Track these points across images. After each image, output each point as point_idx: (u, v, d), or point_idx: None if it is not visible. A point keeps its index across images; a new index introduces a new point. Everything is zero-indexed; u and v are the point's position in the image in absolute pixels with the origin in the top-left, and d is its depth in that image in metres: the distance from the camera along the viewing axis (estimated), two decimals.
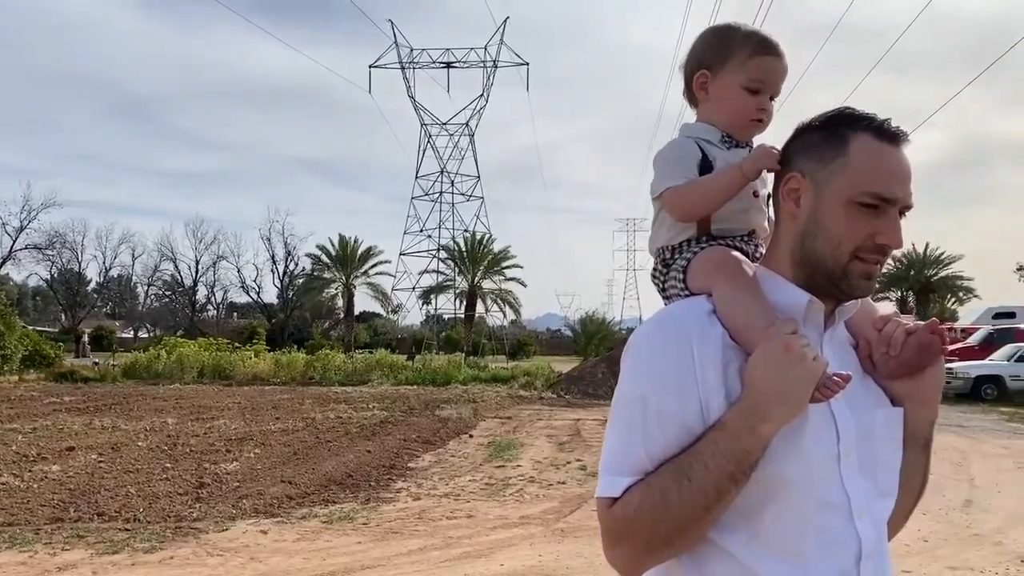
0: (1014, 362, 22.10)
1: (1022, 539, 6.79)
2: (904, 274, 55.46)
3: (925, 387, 1.28)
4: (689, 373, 1.18)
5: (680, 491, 1.15)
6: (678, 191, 1.32)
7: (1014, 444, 13.08)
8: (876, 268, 1.22)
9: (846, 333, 1.33)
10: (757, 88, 1.35)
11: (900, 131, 1.22)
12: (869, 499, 1.22)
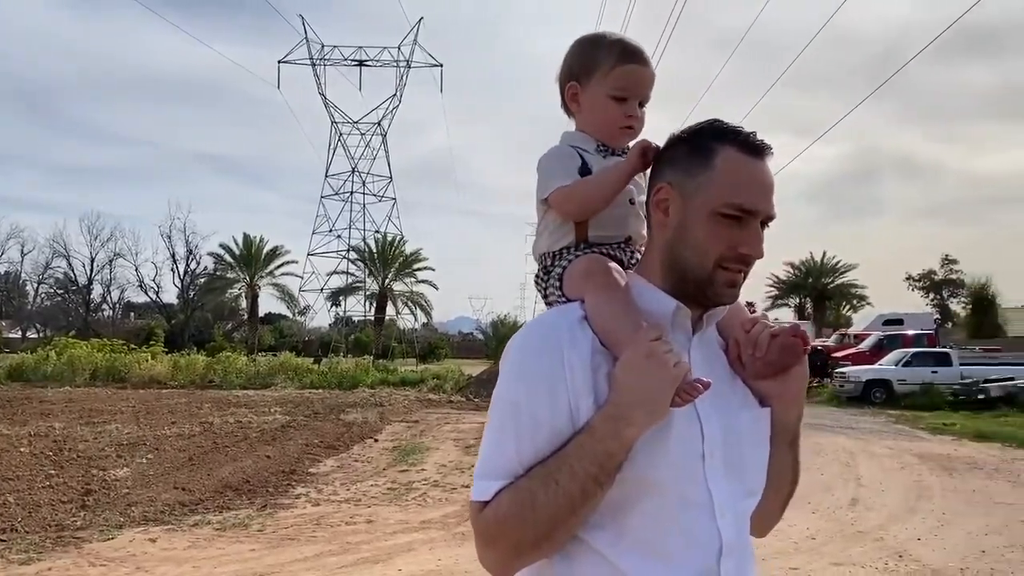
0: (901, 366, 23.24)
1: (902, 535, 7.12)
2: (802, 282, 57.70)
3: (790, 387, 1.32)
4: (559, 378, 1.20)
5: (547, 494, 1.17)
6: (567, 190, 1.34)
7: (899, 445, 13.74)
8: (739, 277, 1.26)
9: (716, 336, 1.36)
10: (623, 96, 1.38)
11: (764, 145, 1.25)
12: (733, 498, 1.25)
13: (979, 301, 49.15)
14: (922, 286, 62.57)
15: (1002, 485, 9.88)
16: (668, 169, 1.28)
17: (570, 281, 1.33)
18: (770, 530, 1.47)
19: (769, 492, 1.34)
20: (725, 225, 1.22)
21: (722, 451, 1.24)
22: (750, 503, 1.30)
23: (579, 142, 1.40)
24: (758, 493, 1.32)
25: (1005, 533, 7.26)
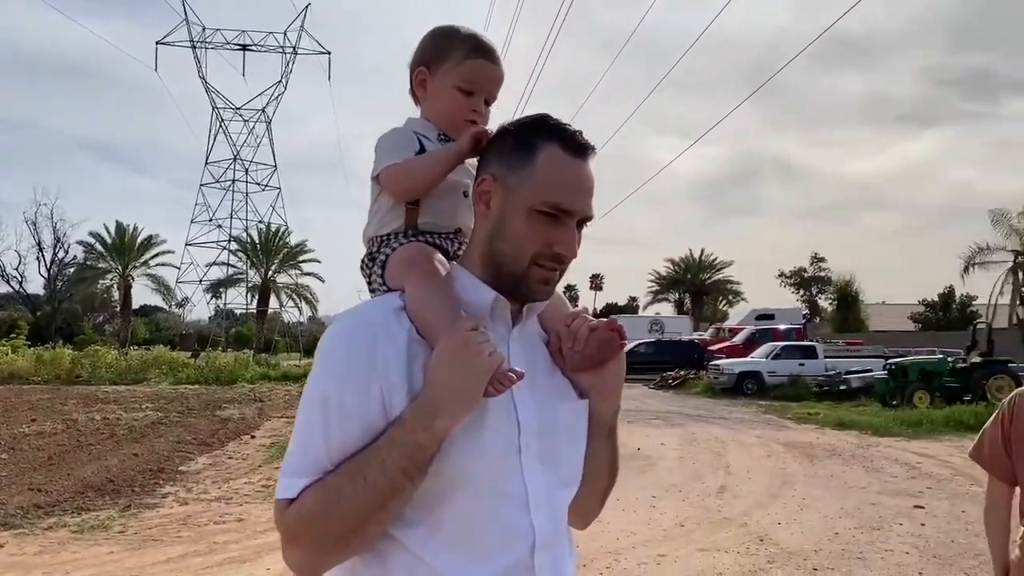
0: (771, 359, 24.39)
1: (764, 520, 7.47)
2: (681, 277, 59.80)
3: (607, 380, 1.34)
4: (372, 370, 1.17)
5: (355, 489, 1.14)
6: (396, 167, 1.32)
7: (767, 434, 14.41)
8: (554, 275, 1.26)
9: (538, 329, 1.37)
10: (470, 90, 1.38)
11: (588, 145, 1.26)
12: (549, 490, 1.25)
13: (844, 297, 52.17)
14: (793, 283, 65.94)
15: (857, 470, 10.52)
16: (493, 161, 1.27)
17: (392, 269, 1.31)
18: (590, 523, 1.48)
19: (587, 484, 1.35)
20: (542, 223, 1.22)
21: (539, 443, 1.24)
22: (567, 494, 1.31)
23: (421, 129, 1.38)
24: (574, 485, 1.32)
25: (856, 516, 7.72)
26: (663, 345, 32.68)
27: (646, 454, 11.56)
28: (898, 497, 8.67)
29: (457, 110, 1.37)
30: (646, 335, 36.93)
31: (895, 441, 13.53)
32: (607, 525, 7.11)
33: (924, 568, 5.94)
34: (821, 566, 5.93)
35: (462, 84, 1.37)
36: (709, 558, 6.09)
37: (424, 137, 1.36)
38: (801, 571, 5.79)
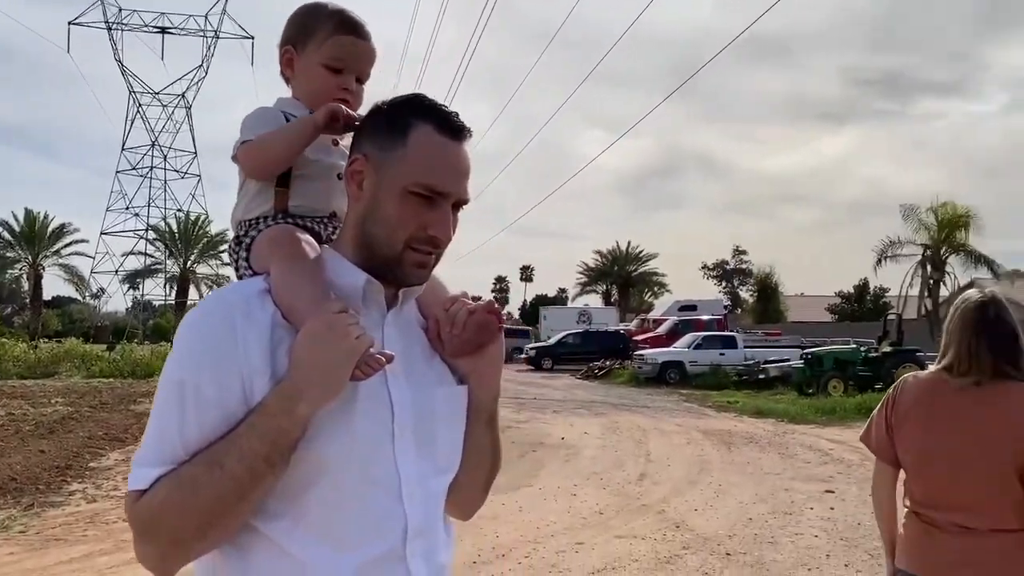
0: (693, 349, 24.96)
1: (681, 507, 7.61)
2: (609, 269, 60.60)
3: (486, 364, 1.31)
4: (231, 355, 1.12)
5: (211, 479, 1.08)
6: (250, 143, 1.27)
7: (687, 422, 14.71)
8: (429, 259, 1.23)
9: (416, 314, 1.34)
10: (338, 67, 1.34)
11: (463, 126, 1.22)
12: (423, 477, 1.22)
13: (764, 289, 53.72)
14: (715, 275, 67.56)
15: (772, 457, 10.82)
16: (365, 141, 1.23)
17: (257, 252, 1.26)
18: (474, 513, 1.45)
19: (468, 472, 1.33)
20: (416, 205, 1.19)
21: (413, 429, 1.21)
22: (443, 481, 1.28)
23: (290, 108, 1.33)
24: (451, 471, 1.30)
25: (770, 501, 7.94)
26: (590, 336, 33.10)
27: (570, 443, 11.67)
28: (810, 482, 8.95)
29: (325, 89, 1.33)
30: (574, 326, 37.28)
31: (809, 428, 13.98)
32: (527, 514, 7.15)
33: (831, 550, 6.13)
34: (734, 551, 6.07)
35: (329, 61, 1.33)
36: (626, 545, 6.17)
37: (293, 117, 1.31)
38: (715, 556, 5.91)
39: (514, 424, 13.80)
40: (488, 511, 7.26)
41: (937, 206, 30.66)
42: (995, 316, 2.23)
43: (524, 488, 8.38)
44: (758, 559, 5.86)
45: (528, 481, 8.77)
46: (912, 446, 2.34)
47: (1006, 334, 2.22)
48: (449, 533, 1.32)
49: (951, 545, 2.22)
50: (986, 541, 2.16)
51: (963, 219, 30.25)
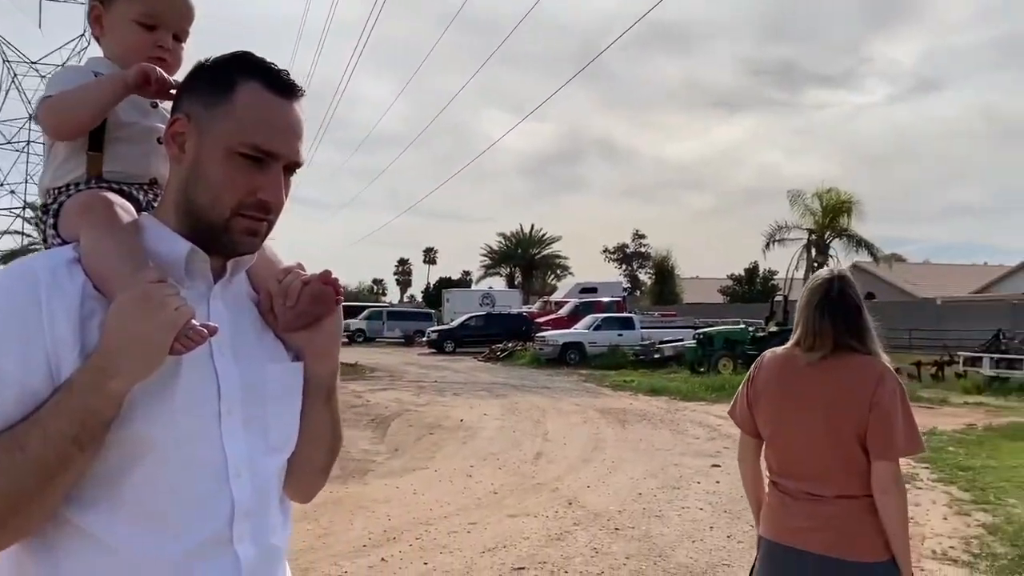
0: (593, 330, 25.38)
1: (575, 484, 7.74)
2: (513, 252, 60.96)
3: (322, 338, 1.26)
4: (34, 329, 1.03)
5: (11, 462, 0.99)
6: (51, 100, 1.17)
7: (585, 401, 14.96)
8: (260, 226, 1.16)
9: (248, 287, 1.27)
10: (152, 23, 1.26)
11: (293, 84, 1.16)
12: (252, 457, 1.17)
13: (661, 272, 55.11)
14: (616, 258, 68.76)
15: (664, 433, 11.13)
16: (187, 100, 1.15)
17: (66, 219, 1.17)
18: (314, 494, 1.39)
19: (306, 452, 1.28)
20: (243, 167, 1.12)
21: (242, 407, 1.15)
22: (275, 461, 1.22)
23: (102, 68, 1.24)
24: (285, 450, 1.24)
25: (660, 476, 8.17)
26: (493, 318, 33.19)
27: (468, 425, 11.69)
28: (698, 458, 9.24)
29: (138, 47, 1.24)
30: (478, 309, 37.33)
31: (700, 405, 14.44)
32: (421, 496, 7.13)
33: (715, 522, 6.36)
34: (623, 525, 6.21)
35: (142, 18, 1.25)
36: (518, 523, 6.23)
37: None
38: (604, 531, 6.04)
39: (413, 407, 13.73)
40: (381, 494, 7.21)
41: (822, 192, 32.12)
42: (839, 292, 2.33)
43: (420, 471, 8.35)
44: (645, 533, 6.02)
45: (424, 464, 8.74)
46: (768, 419, 2.44)
47: (849, 309, 2.32)
48: (286, 514, 1.26)
49: (801, 511, 2.32)
50: (832, 507, 2.26)
51: (846, 205, 31.79)
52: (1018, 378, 16.80)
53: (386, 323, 40.36)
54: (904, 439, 2.20)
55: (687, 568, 5.17)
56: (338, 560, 5.28)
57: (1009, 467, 8.50)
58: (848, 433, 2.22)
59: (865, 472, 2.21)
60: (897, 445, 2.19)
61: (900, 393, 2.23)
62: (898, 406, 2.20)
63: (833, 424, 2.25)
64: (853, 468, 2.23)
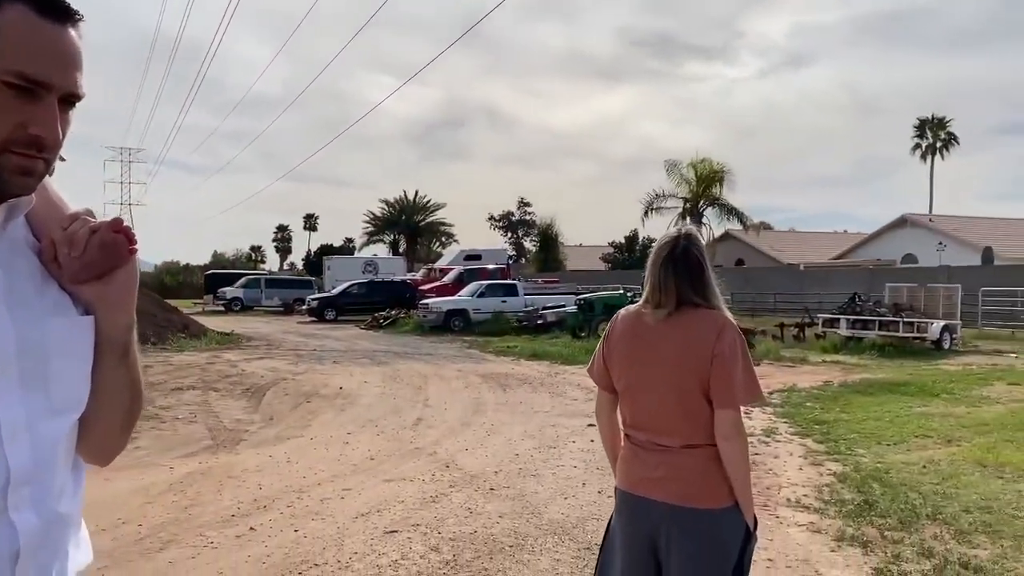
0: (477, 297, 25.48)
1: (453, 448, 7.76)
2: (396, 218, 60.23)
3: (114, 290, 1.16)
4: None
5: None
6: None
7: (467, 367, 15.02)
8: (35, 164, 1.05)
9: (27, 234, 1.15)
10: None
11: (68, 7, 1.06)
12: (32, 419, 1.07)
13: (546, 240, 55.73)
14: (501, 225, 69.00)
15: (543, 396, 11.32)
16: None
17: None
18: (115, 456, 1.28)
19: (102, 412, 1.18)
20: (11, 98, 1.01)
21: (19, 366, 1.05)
22: (60, 423, 1.12)
23: None
24: (72, 412, 1.15)
25: (537, 437, 8.30)
26: (376, 285, 32.82)
27: (347, 393, 11.53)
28: (575, 418, 9.45)
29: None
30: (360, 276, 36.78)
31: (579, 368, 14.74)
32: (294, 465, 6.98)
33: (588, 479, 6.52)
34: (498, 485, 6.28)
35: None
36: (394, 488, 6.20)
37: None
38: (479, 492, 6.09)
39: (290, 376, 13.43)
40: (253, 463, 7.02)
41: (696, 162, 33.18)
42: (683, 250, 2.40)
43: (294, 439, 8.17)
44: (520, 491, 6.11)
45: (299, 432, 8.57)
46: (621, 375, 2.50)
47: (691, 267, 2.39)
48: (78, 480, 1.17)
49: (651, 462, 2.40)
50: (679, 457, 2.34)
51: (718, 175, 32.99)
52: (871, 338, 17.99)
53: (264, 291, 39.30)
54: (743, 389, 2.28)
55: (558, 523, 5.28)
56: (204, 531, 5.10)
57: (859, 420, 9.10)
58: (691, 384, 2.29)
59: (709, 422, 2.29)
60: (736, 394, 2.27)
61: (740, 344, 2.30)
62: (738, 357, 2.28)
63: (678, 376, 2.32)
64: (698, 419, 2.30)
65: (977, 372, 13.94)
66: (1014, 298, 22.11)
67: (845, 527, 5.15)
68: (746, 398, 2.29)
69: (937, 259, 34.47)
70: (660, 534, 2.34)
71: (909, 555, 4.61)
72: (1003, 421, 8.94)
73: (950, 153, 57.25)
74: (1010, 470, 6.58)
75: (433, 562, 4.54)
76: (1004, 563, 4.45)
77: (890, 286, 22.46)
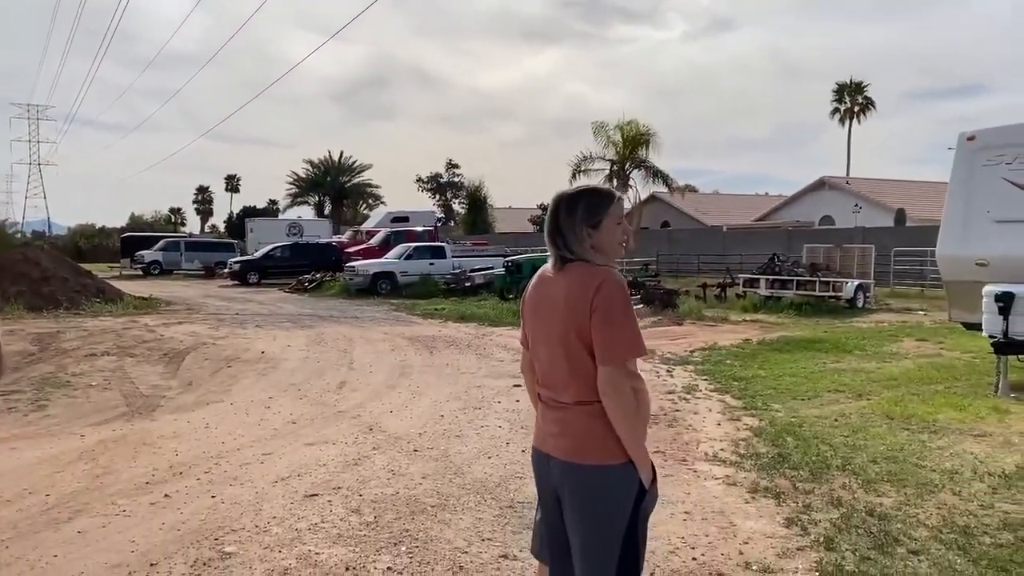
0: (404, 260, 25.22)
1: (377, 411, 7.69)
2: (321, 180, 59.02)
3: None
4: None
5: None
6: None
7: (394, 330, 14.89)
8: None
9: None
10: None
11: None
12: None
13: (474, 202, 55.41)
14: (430, 187, 68.39)
15: (470, 358, 11.31)
16: None
17: None
18: None
19: None
20: None
21: None
22: None
23: None
24: None
25: (463, 398, 8.29)
26: (300, 248, 32.19)
27: (270, 357, 11.30)
28: (501, 378, 9.47)
29: None
30: (284, 239, 36.01)
31: (506, 330, 14.80)
32: (213, 430, 6.81)
33: (512, 438, 6.54)
34: (422, 447, 6.25)
35: None
36: (315, 451, 6.11)
37: None
38: (402, 453, 6.05)
39: (210, 341, 13.08)
40: (170, 430, 6.83)
41: (623, 124, 33.33)
42: (554, 209, 2.40)
43: (214, 404, 7.98)
44: (444, 452, 6.09)
45: (219, 397, 8.36)
46: (527, 330, 2.50)
47: (559, 224, 2.38)
48: None
49: (551, 418, 2.41)
50: (570, 413, 2.35)
51: (644, 137, 33.24)
52: (789, 297, 18.52)
53: (184, 254, 38.20)
54: (621, 344, 2.23)
55: (481, 482, 5.29)
56: (116, 499, 4.94)
57: (776, 376, 9.38)
58: (575, 341, 2.28)
59: (593, 379, 2.28)
60: (615, 350, 2.23)
61: (619, 299, 2.24)
62: (617, 312, 2.23)
63: (563, 332, 2.31)
64: (586, 374, 2.28)
65: (888, 329, 14.50)
66: (924, 258, 22.98)
67: (759, 479, 5.30)
68: (624, 353, 2.23)
69: (853, 220, 35.64)
70: (559, 490, 2.37)
71: (819, 504, 4.77)
72: (910, 376, 9.33)
73: (867, 117, 59.02)
74: (915, 422, 6.87)
75: (354, 524, 4.50)
76: (907, 509, 4.65)
77: (808, 247, 23.14)
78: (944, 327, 13.63)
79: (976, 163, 9.23)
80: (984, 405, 7.49)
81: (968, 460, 5.68)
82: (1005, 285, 8.12)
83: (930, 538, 4.19)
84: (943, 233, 9.62)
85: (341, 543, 4.22)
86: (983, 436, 6.40)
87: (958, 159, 9.53)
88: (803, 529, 4.38)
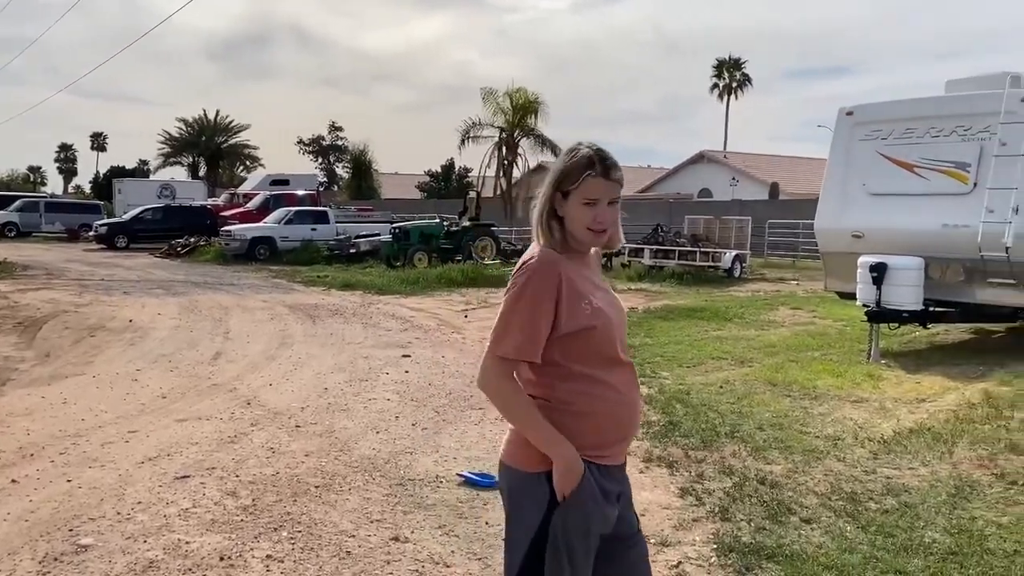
0: (284, 224, 24.26)
1: (255, 383, 7.26)
2: (195, 140, 56.17)
3: None
4: None
5: None
6: None
7: (273, 298, 14.26)
8: None
9: None
10: None
11: None
12: None
13: (359, 166, 54.09)
14: (312, 150, 66.43)
15: (356, 327, 10.93)
16: None
17: None
18: None
19: None
20: None
21: None
22: None
23: None
24: None
25: (348, 369, 7.96)
26: (173, 211, 30.51)
27: (138, 326, 10.56)
28: (389, 349, 9.18)
29: None
30: (156, 201, 34.08)
31: (394, 298, 14.44)
32: (72, 406, 6.24)
33: (402, 411, 6.30)
34: (304, 422, 5.92)
35: None
36: (187, 428, 5.67)
37: None
38: (284, 430, 5.70)
39: (72, 308, 12.13)
40: (21, 406, 6.24)
41: (512, 91, 33.13)
42: None
43: (73, 377, 7.33)
44: (328, 427, 5.79)
45: (80, 369, 7.71)
46: None
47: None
48: None
49: None
50: None
51: (533, 105, 33.17)
52: (671, 267, 18.93)
53: (44, 215, 35.61)
54: (493, 333, 2.01)
55: (369, 459, 5.04)
56: None
57: (662, 344, 9.48)
58: None
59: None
60: (491, 341, 2.01)
61: (518, 285, 2.00)
62: (507, 300, 2.01)
63: None
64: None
65: (764, 298, 15.01)
66: (796, 230, 23.96)
67: (652, 448, 5.27)
68: (492, 344, 2.00)
69: (730, 193, 36.87)
70: None
71: (711, 473, 4.78)
72: (788, 343, 9.63)
73: (744, 93, 61.05)
74: (796, 388, 7.05)
75: (229, 508, 4.16)
76: (796, 477, 4.71)
77: (689, 218, 23.74)
78: (816, 296, 14.22)
79: (854, 138, 9.52)
80: (859, 371, 7.79)
81: (849, 426, 5.84)
82: (879, 256, 8.44)
83: (820, 506, 4.25)
84: (821, 206, 9.92)
85: (215, 529, 3.89)
86: (860, 402, 6.63)
87: (836, 134, 9.83)
88: (698, 499, 4.36)
